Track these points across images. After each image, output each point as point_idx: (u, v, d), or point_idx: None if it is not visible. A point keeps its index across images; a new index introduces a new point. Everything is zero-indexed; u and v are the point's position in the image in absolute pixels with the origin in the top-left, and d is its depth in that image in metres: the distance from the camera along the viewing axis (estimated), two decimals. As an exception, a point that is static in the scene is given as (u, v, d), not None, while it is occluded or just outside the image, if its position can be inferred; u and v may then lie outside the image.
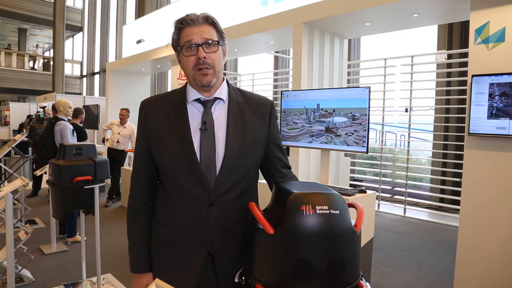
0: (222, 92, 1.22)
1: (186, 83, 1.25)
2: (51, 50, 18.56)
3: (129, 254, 1.27)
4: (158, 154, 1.20)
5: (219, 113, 1.20)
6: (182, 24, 1.14)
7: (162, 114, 1.20)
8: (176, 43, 1.17)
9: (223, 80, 1.24)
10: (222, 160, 1.15)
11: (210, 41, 1.13)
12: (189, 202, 1.16)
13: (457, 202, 5.25)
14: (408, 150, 5.87)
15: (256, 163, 1.26)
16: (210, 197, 1.14)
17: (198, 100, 1.19)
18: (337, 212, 0.87)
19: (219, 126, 1.18)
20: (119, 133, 6.17)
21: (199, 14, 1.15)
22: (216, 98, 1.20)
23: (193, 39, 1.12)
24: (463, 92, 5.35)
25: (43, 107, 7.84)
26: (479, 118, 2.77)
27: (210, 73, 1.14)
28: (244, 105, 1.24)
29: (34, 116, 8.20)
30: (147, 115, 1.22)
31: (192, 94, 1.20)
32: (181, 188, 1.16)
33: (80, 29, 19.56)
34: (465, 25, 5.43)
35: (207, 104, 1.19)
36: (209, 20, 1.15)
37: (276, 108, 1.35)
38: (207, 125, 1.16)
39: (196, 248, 1.16)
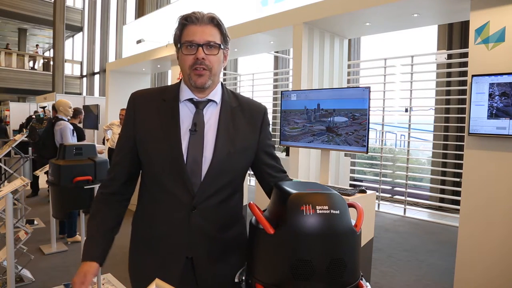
0: (216, 94, 1.19)
1: (180, 80, 1.22)
2: (51, 50, 18.56)
3: (84, 243, 1.19)
4: (143, 151, 1.16)
5: (211, 115, 1.17)
6: (186, 21, 1.11)
7: (153, 110, 1.17)
8: (178, 39, 1.14)
9: (219, 82, 1.21)
10: (209, 164, 1.12)
11: (211, 43, 1.10)
12: (171, 204, 1.13)
13: (457, 202, 5.25)
14: (408, 150, 5.87)
15: (243, 170, 1.23)
16: (193, 201, 1.11)
17: (191, 100, 1.16)
18: (337, 212, 0.87)
19: (209, 128, 1.15)
20: (119, 133, 6.17)
21: (205, 14, 1.12)
22: (210, 100, 1.18)
23: (195, 39, 1.09)
24: (463, 92, 5.35)
25: (43, 107, 7.84)
26: (479, 118, 2.77)
27: (205, 75, 1.11)
28: (237, 110, 1.21)
29: (34, 117, 8.20)
30: (136, 108, 1.18)
31: (186, 93, 1.17)
32: (164, 188, 1.13)
33: (80, 29, 19.57)
34: (465, 25, 5.43)
35: (199, 105, 1.16)
36: (214, 21, 1.12)
37: (275, 108, 1.34)
38: (197, 127, 1.13)
39: (175, 251, 1.14)
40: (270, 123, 1.33)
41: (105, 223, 1.19)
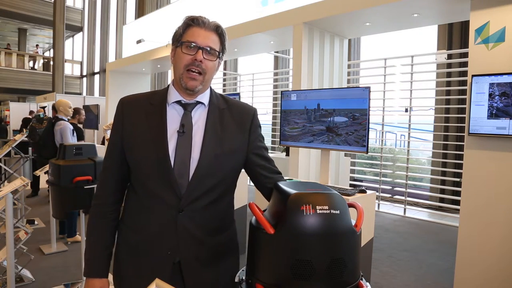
0: (204, 96, 1.19)
1: (169, 84, 1.22)
2: (51, 50, 18.57)
3: (84, 256, 1.22)
4: (131, 155, 1.17)
5: (199, 117, 1.18)
6: (193, 22, 1.13)
7: (141, 114, 1.17)
8: (179, 37, 1.15)
9: (208, 87, 1.22)
10: (196, 166, 1.11)
11: (211, 49, 1.12)
12: (158, 207, 1.12)
13: (457, 202, 5.25)
14: (408, 150, 5.87)
15: (233, 172, 1.21)
16: (180, 203, 1.10)
17: (179, 102, 1.17)
18: (337, 212, 0.87)
19: (197, 130, 1.15)
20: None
21: (211, 21, 1.15)
22: (198, 102, 1.18)
23: (197, 41, 1.11)
24: (463, 92, 5.35)
25: (43, 107, 7.84)
26: (479, 118, 2.77)
27: (198, 79, 1.12)
28: (225, 111, 1.21)
29: (34, 117, 8.20)
30: (125, 113, 1.19)
31: (174, 95, 1.17)
32: (151, 191, 1.13)
33: (80, 29, 19.58)
34: (465, 25, 5.44)
35: (187, 107, 1.16)
36: (218, 30, 1.15)
37: (275, 109, 1.34)
38: (185, 128, 1.13)
39: (162, 255, 1.13)
40: (270, 123, 1.32)
41: (104, 240, 1.21)
